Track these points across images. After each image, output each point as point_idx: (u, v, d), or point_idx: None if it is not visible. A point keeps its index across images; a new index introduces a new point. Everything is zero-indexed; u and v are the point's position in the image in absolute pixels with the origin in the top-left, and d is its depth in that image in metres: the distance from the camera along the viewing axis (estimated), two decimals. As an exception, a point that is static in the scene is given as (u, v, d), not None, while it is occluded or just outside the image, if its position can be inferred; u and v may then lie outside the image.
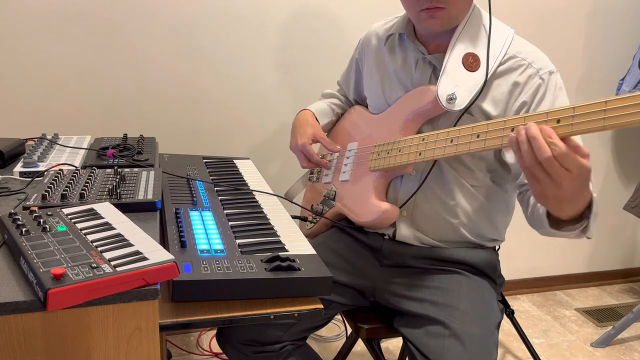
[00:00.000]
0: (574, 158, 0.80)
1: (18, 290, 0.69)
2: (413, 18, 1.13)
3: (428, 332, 1.08)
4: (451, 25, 1.10)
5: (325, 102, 1.45)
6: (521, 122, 0.88)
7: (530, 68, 1.08)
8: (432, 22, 1.07)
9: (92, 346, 0.71)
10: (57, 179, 1.08)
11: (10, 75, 1.63)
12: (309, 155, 1.31)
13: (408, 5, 1.10)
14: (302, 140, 1.31)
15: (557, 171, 0.80)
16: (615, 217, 2.40)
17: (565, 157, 0.80)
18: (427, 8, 1.05)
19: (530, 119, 0.87)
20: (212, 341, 1.96)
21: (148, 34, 1.69)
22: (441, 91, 1.07)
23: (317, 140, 1.33)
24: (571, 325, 2.21)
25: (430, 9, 1.05)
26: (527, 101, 1.07)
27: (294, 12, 1.80)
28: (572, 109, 0.82)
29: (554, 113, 0.84)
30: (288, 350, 1.21)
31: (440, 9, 1.05)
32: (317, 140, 1.33)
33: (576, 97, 2.18)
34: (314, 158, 1.31)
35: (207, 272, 0.80)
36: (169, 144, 1.71)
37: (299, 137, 1.32)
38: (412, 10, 1.10)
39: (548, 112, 0.85)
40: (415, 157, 1.08)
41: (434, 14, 1.06)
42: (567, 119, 0.82)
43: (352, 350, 1.49)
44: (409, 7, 1.10)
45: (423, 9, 1.06)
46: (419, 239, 1.19)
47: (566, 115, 0.82)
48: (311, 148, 1.31)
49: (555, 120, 0.83)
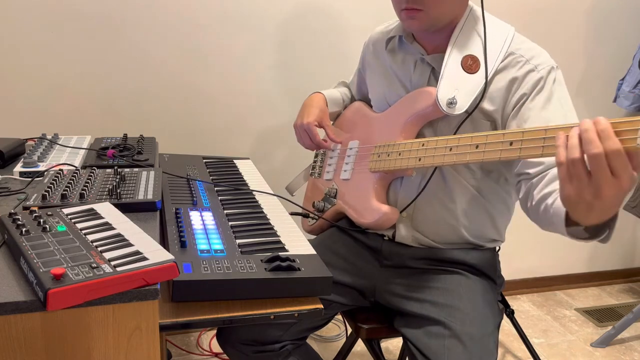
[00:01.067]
0: (627, 163, 0.69)
1: (18, 290, 0.69)
2: (398, 18, 1.15)
3: (428, 332, 1.08)
4: (435, 25, 1.09)
5: (338, 91, 1.45)
6: (519, 137, 0.87)
7: (528, 64, 1.06)
8: (411, 22, 1.08)
9: (92, 346, 0.71)
10: (57, 179, 1.08)
11: (10, 75, 1.63)
12: (312, 135, 1.31)
13: (393, 5, 1.12)
14: (308, 120, 1.31)
15: (602, 174, 0.69)
16: (615, 217, 2.40)
17: (618, 156, 0.68)
18: (405, 8, 1.06)
19: (529, 135, 0.85)
20: (212, 341, 1.96)
21: (148, 34, 1.69)
22: (441, 95, 1.07)
23: (322, 125, 1.33)
24: (571, 325, 2.21)
25: (408, 10, 1.06)
26: (526, 93, 1.04)
27: (293, 12, 1.80)
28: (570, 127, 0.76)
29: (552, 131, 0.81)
30: (288, 350, 1.22)
31: (417, 10, 1.05)
32: (321, 126, 1.33)
33: (576, 98, 2.18)
34: (316, 139, 1.31)
35: (207, 272, 0.80)
36: (169, 144, 1.71)
37: (306, 116, 1.32)
38: (396, 10, 1.11)
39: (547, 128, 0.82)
40: (415, 162, 1.08)
41: (412, 15, 1.06)
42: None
43: (352, 350, 1.49)
44: (394, 7, 1.12)
45: (402, 9, 1.07)
46: (419, 240, 1.19)
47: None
48: (315, 128, 1.31)
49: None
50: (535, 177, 1.01)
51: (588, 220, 0.79)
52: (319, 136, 1.32)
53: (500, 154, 0.90)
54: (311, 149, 1.37)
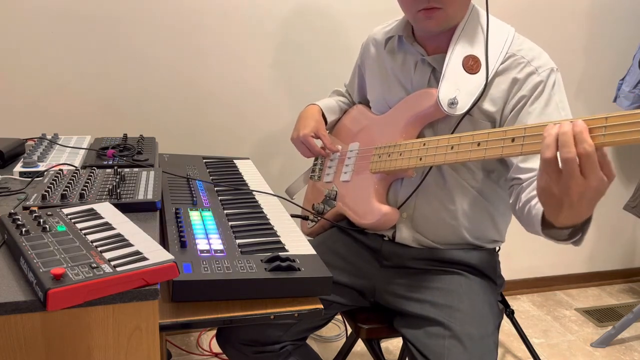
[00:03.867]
0: (596, 165, 0.73)
1: (18, 290, 0.69)
2: (410, 19, 1.13)
3: (428, 332, 1.08)
4: (448, 25, 1.10)
5: (334, 100, 1.45)
6: (521, 133, 0.87)
7: (529, 66, 1.07)
8: (429, 22, 1.08)
9: (92, 346, 0.71)
10: (57, 179, 1.08)
11: (10, 75, 1.63)
12: (309, 146, 1.32)
13: (405, 6, 1.11)
14: (304, 132, 1.32)
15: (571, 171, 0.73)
16: (615, 217, 2.40)
17: (587, 158, 0.72)
18: (424, 9, 1.06)
19: (531, 131, 0.85)
20: (212, 341, 1.96)
21: (148, 34, 1.69)
22: (442, 95, 1.07)
23: (318, 136, 1.34)
24: (571, 325, 2.21)
25: (427, 10, 1.06)
26: (525, 95, 1.06)
27: (294, 12, 1.80)
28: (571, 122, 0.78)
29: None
30: (288, 350, 1.22)
31: (437, 9, 1.05)
32: (318, 136, 1.34)
33: (576, 97, 2.18)
34: (315, 149, 1.32)
35: (207, 272, 0.80)
36: (169, 144, 1.71)
37: (301, 129, 1.33)
38: (410, 11, 1.10)
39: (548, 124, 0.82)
40: (416, 162, 1.08)
41: (431, 15, 1.06)
42: None
43: (352, 350, 1.49)
44: (407, 8, 1.11)
45: (420, 9, 1.06)
46: (419, 241, 1.19)
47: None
48: (312, 139, 1.32)
49: None
50: (525, 182, 1.03)
51: (559, 219, 0.83)
52: (317, 146, 1.33)
53: (502, 150, 0.90)
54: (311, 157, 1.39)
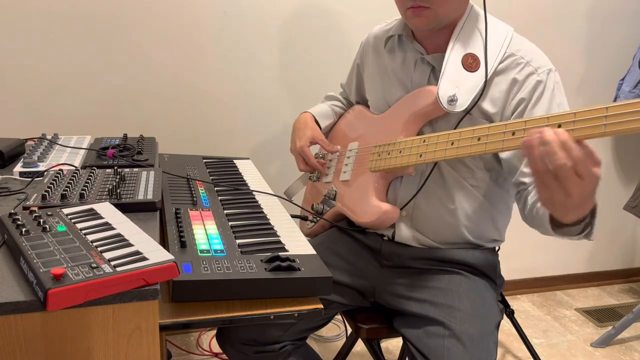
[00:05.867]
0: (587, 165, 0.77)
1: (18, 290, 0.69)
2: (402, 16, 1.14)
3: (428, 332, 1.08)
4: (440, 24, 1.10)
5: (327, 104, 1.45)
6: (521, 126, 0.88)
7: (529, 66, 1.08)
8: (417, 20, 1.08)
9: (92, 346, 0.71)
10: (57, 179, 1.08)
11: (10, 76, 1.63)
12: (306, 158, 1.34)
13: (397, 4, 1.12)
14: (300, 143, 1.34)
15: (568, 178, 0.77)
16: (615, 217, 2.40)
17: (580, 163, 0.76)
18: (411, 7, 1.06)
19: (531, 123, 0.86)
20: (212, 341, 1.96)
21: (148, 34, 1.69)
22: (442, 92, 1.07)
23: (315, 142, 1.35)
24: (571, 325, 2.21)
25: (414, 8, 1.06)
26: (524, 98, 1.07)
27: (294, 13, 1.80)
28: (573, 114, 0.81)
29: (555, 118, 0.83)
30: (288, 350, 1.22)
31: (425, 8, 1.05)
32: (315, 142, 1.35)
33: (576, 97, 2.18)
34: (311, 161, 1.34)
35: (207, 272, 0.80)
36: (169, 144, 1.71)
37: (297, 140, 1.35)
38: (400, 8, 1.11)
39: (549, 116, 0.84)
40: (416, 158, 1.08)
41: (419, 13, 1.07)
42: (568, 124, 0.81)
43: (352, 350, 1.49)
44: (398, 5, 1.12)
45: (408, 7, 1.07)
46: (418, 240, 1.19)
47: (567, 120, 0.81)
48: (309, 151, 1.33)
49: (557, 125, 0.82)
50: (530, 186, 1.05)
51: (568, 217, 0.86)
52: (314, 158, 1.34)
53: (503, 144, 0.91)
54: (307, 170, 1.39)
